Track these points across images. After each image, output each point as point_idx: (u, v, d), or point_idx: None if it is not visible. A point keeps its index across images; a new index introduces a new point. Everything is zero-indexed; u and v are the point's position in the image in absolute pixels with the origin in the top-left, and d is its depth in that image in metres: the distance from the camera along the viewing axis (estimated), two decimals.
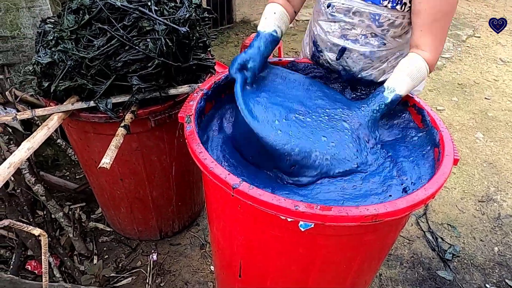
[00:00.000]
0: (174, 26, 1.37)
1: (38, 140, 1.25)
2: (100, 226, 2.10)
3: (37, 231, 1.11)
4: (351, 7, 1.24)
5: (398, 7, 1.18)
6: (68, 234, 1.89)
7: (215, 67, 1.68)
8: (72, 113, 1.40)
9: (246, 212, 0.98)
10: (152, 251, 1.98)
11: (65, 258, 1.82)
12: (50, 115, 1.37)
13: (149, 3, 1.40)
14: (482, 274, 1.97)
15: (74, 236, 1.88)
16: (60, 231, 1.98)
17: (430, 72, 1.19)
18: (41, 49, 1.42)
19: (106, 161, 1.15)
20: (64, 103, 1.39)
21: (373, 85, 1.35)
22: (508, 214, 2.32)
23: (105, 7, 1.34)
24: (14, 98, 1.88)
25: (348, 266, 1.09)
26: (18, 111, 1.83)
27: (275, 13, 1.28)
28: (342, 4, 1.25)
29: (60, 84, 1.37)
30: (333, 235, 0.96)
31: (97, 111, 1.39)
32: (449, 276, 1.95)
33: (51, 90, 1.39)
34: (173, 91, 1.47)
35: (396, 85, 1.15)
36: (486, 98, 3.51)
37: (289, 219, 0.85)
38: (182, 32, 1.39)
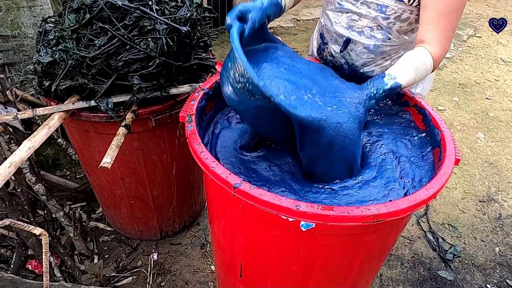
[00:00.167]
0: (175, 25, 1.37)
1: (39, 139, 1.25)
2: (101, 225, 2.10)
3: (38, 230, 1.10)
4: None
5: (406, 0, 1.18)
6: (68, 234, 1.89)
7: (216, 67, 1.68)
8: (73, 113, 1.40)
9: (247, 212, 0.98)
10: (153, 250, 1.98)
11: (65, 258, 1.82)
12: (51, 114, 1.37)
13: (150, 3, 1.40)
14: (483, 275, 1.97)
15: (74, 235, 1.88)
16: (61, 231, 1.98)
17: (435, 69, 1.15)
18: (42, 48, 1.42)
19: (107, 160, 1.15)
20: (65, 103, 1.39)
21: None
22: (509, 215, 2.31)
23: (106, 6, 1.33)
24: (15, 97, 1.88)
25: (349, 266, 1.09)
26: (19, 110, 1.83)
27: None
28: None
29: (61, 84, 1.37)
30: (334, 235, 0.96)
31: (98, 110, 1.39)
32: (450, 276, 1.94)
33: (52, 90, 1.39)
34: (174, 91, 1.47)
35: (398, 74, 1.09)
36: (487, 98, 3.50)
37: (290, 219, 0.85)
38: (183, 31, 1.39)
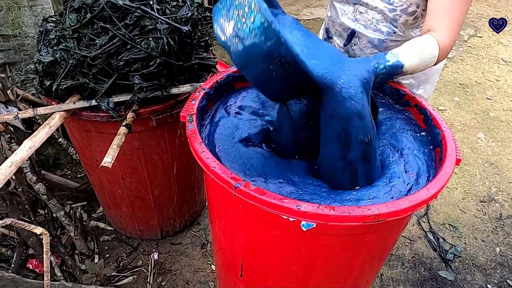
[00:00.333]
0: (176, 25, 1.37)
1: (39, 139, 1.25)
2: (101, 225, 2.10)
3: (39, 230, 1.10)
4: None
5: None
6: (69, 233, 1.89)
7: (217, 66, 1.68)
8: (73, 112, 1.40)
9: (247, 211, 0.98)
10: (153, 250, 1.98)
11: (66, 257, 1.82)
12: (52, 114, 1.37)
13: (151, 2, 1.40)
14: (484, 275, 1.96)
15: (75, 235, 1.88)
16: (61, 230, 1.99)
17: (440, 59, 1.09)
18: (43, 48, 1.42)
19: (108, 160, 1.15)
20: (66, 102, 1.39)
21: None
22: (509, 215, 2.31)
23: (107, 6, 1.33)
24: (16, 96, 1.88)
25: (350, 266, 1.09)
26: (20, 109, 1.83)
27: None
28: None
29: (61, 83, 1.37)
30: (335, 235, 0.96)
31: (99, 110, 1.39)
32: (450, 276, 1.94)
33: (53, 89, 1.39)
34: (174, 90, 1.47)
35: (400, 54, 1.03)
36: (487, 98, 3.50)
37: (291, 219, 0.85)
38: (184, 31, 1.39)
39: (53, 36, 1.39)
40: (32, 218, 1.83)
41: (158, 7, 1.41)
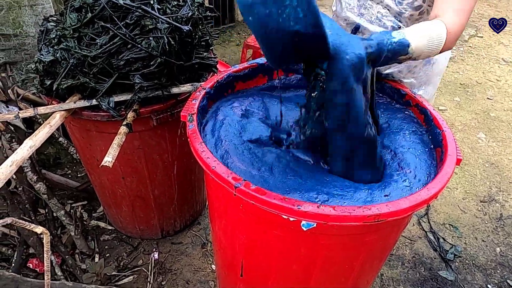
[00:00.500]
0: (177, 24, 1.37)
1: (40, 138, 1.25)
2: (102, 224, 2.10)
3: (39, 229, 1.10)
4: None
5: None
6: (69, 233, 1.90)
7: (218, 66, 1.68)
8: (74, 112, 1.41)
9: (248, 211, 0.98)
10: (154, 249, 1.98)
11: (66, 257, 1.82)
12: (52, 113, 1.37)
13: (151, 2, 1.40)
14: (484, 275, 1.96)
15: (75, 234, 1.88)
16: (62, 229, 1.99)
17: (448, 46, 1.06)
18: (43, 47, 1.42)
19: (108, 159, 1.15)
20: (66, 101, 1.39)
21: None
22: (510, 215, 2.31)
23: (108, 5, 1.33)
24: (16, 96, 1.88)
25: (350, 266, 1.09)
26: (20, 109, 1.83)
27: None
28: None
29: (62, 82, 1.37)
30: (335, 235, 0.96)
31: (99, 109, 1.39)
32: (450, 276, 1.94)
33: (53, 88, 1.39)
34: (175, 90, 1.47)
35: (407, 33, 1.01)
36: (488, 98, 3.50)
37: (291, 219, 0.85)
38: (184, 30, 1.39)
39: (54, 36, 1.39)
40: (33, 218, 1.83)
41: (159, 6, 1.41)
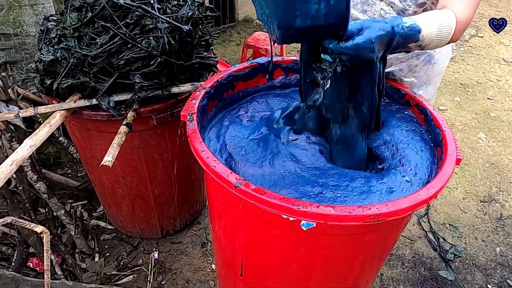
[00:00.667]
0: (177, 24, 1.37)
1: (40, 137, 1.25)
2: (102, 224, 2.10)
3: (39, 228, 1.11)
4: None
5: None
6: (69, 232, 1.90)
7: (218, 66, 1.68)
8: (74, 111, 1.41)
9: (248, 211, 0.98)
10: (154, 249, 1.98)
11: (66, 256, 1.82)
12: (52, 112, 1.37)
13: (151, 1, 1.40)
14: (484, 275, 1.96)
15: (75, 233, 1.88)
16: (62, 229, 1.99)
17: (456, 37, 1.05)
18: (43, 47, 1.42)
19: (108, 159, 1.15)
20: (67, 101, 1.39)
21: None
22: (510, 215, 2.31)
23: (108, 5, 1.33)
24: (17, 95, 1.89)
25: (350, 266, 1.09)
26: (21, 108, 1.83)
27: None
28: None
29: (62, 82, 1.37)
30: (334, 235, 0.96)
31: (100, 109, 1.39)
32: (450, 276, 1.94)
33: (54, 88, 1.39)
34: (175, 90, 1.47)
35: (417, 18, 0.99)
36: (488, 98, 3.50)
37: (291, 218, 0.85)
38: (184, 30, 1.39)
39: (54, 35, 1.39)
40: (33, 217, 1.83)
41: (159, 6, 1.41)
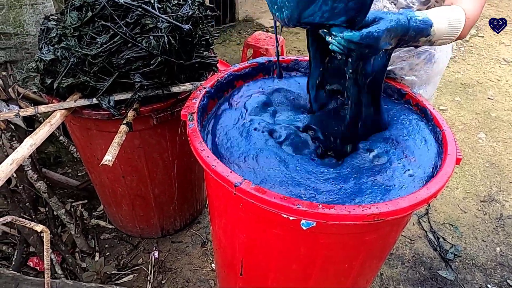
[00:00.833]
0: (177, 23, 1.37)
1: (40, 137, 1.25)
2: (102, 223, 2.10)
3: (39, 227, 1.11)
4: None
5: None
6: (70, 231, 1.90)
7: (218, 65, 1.68)
8: (74, 110, 1.41)
9: (248, 210, 0.98)
10: (154, 248, 1.99)
11: (66, 255, 1.82)
12: (53, 112, 1.37)
13: (152, 1, 1.40)
14: (484, 275, 1.96)
15: (76, 233, 1.88)
16: (62, 228, 1.99)
17: (465, 33, 1.06)
18: (44, 46, 1.42)
19: (108, 158, 1.15)
20: (67, 100, 1.39)
21: None
22: (510, 215, 2.31)
23: (108, 4, 1.34)
24: (17, 95, 1.89)
25: (350, 265, 1.09)
26: (21, 108, 1.83)
27: None
28: None
29: (62, 81, 1.37)
30: (334, 234, 0.96)
31: (100, 108, 1.39)
32: (450, 276, 1.94)
33: (54, 87, 1.39)
34: (175, 89, 1.47)
35: (429, 13, 1.00)
36: (489, 98, 3.49)
37: (291, 218, 0.85)
38: (185, 29, 1.39)
39: (54, 35, 1.39)
40: (33, 216, 1.83)
41: (159, 5, 1.41)
